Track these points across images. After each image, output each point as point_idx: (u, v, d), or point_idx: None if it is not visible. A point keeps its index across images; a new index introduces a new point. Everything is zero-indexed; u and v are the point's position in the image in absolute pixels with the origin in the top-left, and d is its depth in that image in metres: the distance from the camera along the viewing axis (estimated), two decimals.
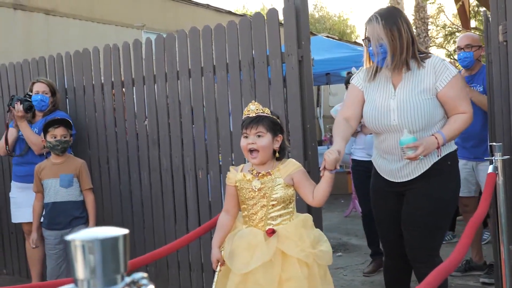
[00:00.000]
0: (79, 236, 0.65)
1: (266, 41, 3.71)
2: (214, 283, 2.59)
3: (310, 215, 2.62)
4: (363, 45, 2.82)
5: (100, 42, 4.70)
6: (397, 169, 2.79)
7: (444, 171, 2.76)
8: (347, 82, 5.03)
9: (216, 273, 2.60)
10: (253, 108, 2.54)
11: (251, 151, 2.51)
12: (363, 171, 4.63)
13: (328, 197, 2.52)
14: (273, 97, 3.69)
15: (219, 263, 2.57)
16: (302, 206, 3.53)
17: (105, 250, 0.66)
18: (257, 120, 2.51)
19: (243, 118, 2.59)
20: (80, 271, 0.65)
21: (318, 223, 3.64)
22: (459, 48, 4.16)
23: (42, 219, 3.99)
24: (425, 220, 2.75)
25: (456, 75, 2.70)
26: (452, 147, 2.82)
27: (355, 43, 15.57)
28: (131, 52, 4.38)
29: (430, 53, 2.85)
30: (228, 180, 2.64)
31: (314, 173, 3.60)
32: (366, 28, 2.76)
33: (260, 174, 2.53)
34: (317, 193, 2.48)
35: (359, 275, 4.74)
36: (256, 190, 2.51)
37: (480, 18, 18.16)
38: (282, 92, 3.65)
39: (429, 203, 2.74)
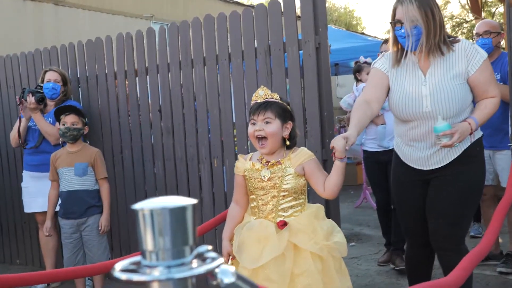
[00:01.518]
0: (147, 205, 0.62)
1: (283, 28, 3.66)
2: None
3: (322, 206, 2.52)
4: (390, 28, 2.75)
5: (109, 33, 4.66)
6: (426, 156, 2.74)
7: (473, 157, 2.72)
8: (355, 72, 4.97)
9: None
10: (261, 94, 2.44)
11: (259, 139, 2.41)
12: (374, 162, 4.59)
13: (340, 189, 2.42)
14: (290, 85, 3.65)
15: (230, 257, 2.48)
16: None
17: (174, 219, 0.63)
18: (265, 105, 2.40)
19: (251, 104, 2.49)
20: (149, 241, 0.62)
21: (335, 214, 3.60)
22: (478, 34, 4.11)
23: (58, 208, 3.97)
24: (453, 208, 2.71)
25: (486, 59, 2.65)
26: (479, 133, 2.78)
27: (363, 34, 15.48)
28: (144, 41, 4.34)
29: (457, 37, 2.80)
30: (236, 169, 2.55)
31: (331, 162, 3.56)
32: (395, 10, 2.69)
33: (269, 164, 2.43)
34: (328, 184, 2.39)
35: (374, 264, 4.71)
36: (266, 180, 2.41)
37: (488, 9, 18.06)
38: (299, 80, 3.60)
39: (458, 190, 2.70)
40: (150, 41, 4.31)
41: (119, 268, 0.63)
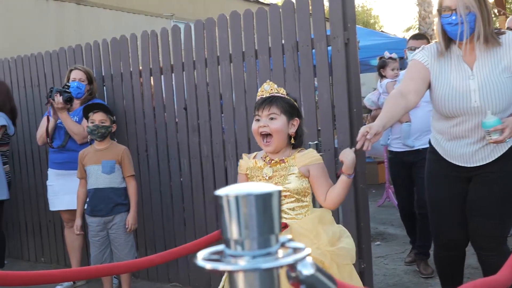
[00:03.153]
0: (232, 191, 0.59)
1: (311, 23, 3.62)
2: (222, 281, 2.36)
3: (328, 210, 2.35)
4: (437, 16, 2.67)
5: (130, 32, 4.64)
6: (471, 152, 2.65)
7: None
8: (380, 67, 4.85)
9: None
10: (267, 88, 2.32)
11: (263, 136, 2.29)
12: (399, 163, 4.43)
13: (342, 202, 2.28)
14: (318, 81, 3.60)
15: None
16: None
17: (260, 206, 0.59)
18: (270, 100, 2.27)
19: (257, 99, 2.37)
20: (234, 229, 0.59)
21: (364, 213, 3.55)
22: (510, 29, 4.04)
23: (85, 206, 3.97)
24: (497, 206, 2.63)
25: None
26: None
27: (382, 32, 15.35)
28: (169, 39, 4.33)
29: (502, 29, 2.73)
30: (239, 168, 2.45)
31: (360, 158, 3.51)
32: None
33: (272, 162, 2.31)
34: (330, 195, 2.25)
35: (401, 263, 4.65)
36: (267, 178, 2.29)
37: (509, 6, 17.83)
38: (327, 76, 3.56)
39: (503, 188, 2.62)
40: (175, 39, 4.29)
41: (201, 257, 0.60)
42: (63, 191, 4.42)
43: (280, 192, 0.62)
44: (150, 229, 4.51)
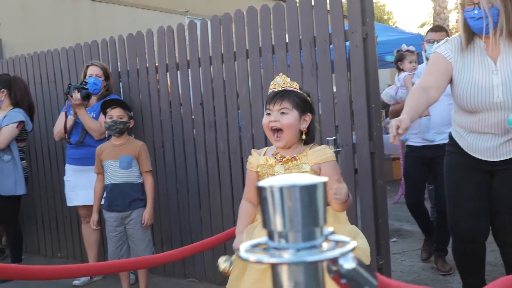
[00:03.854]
0: (276, 182, 0.57)
1: (328, 18, 3.60)
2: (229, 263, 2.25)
3: None
4: (459, 10, 2.65)
5: (145, 28, 4.64)
6: (494, 147, 2.62)
7: None
8: (397, 61, 4.78)
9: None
10: (279, 82, 2.25)
11: (274, 131, 2.22)
12: (417, 158, 4.34)
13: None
14: (336, 76, 3.58)
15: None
16: (367, 184, 3.43)
17: (305, 198, 0.58)
18: (282, 94, 2.20)
19: (268, 92, 2.31)
20: (278, 222, 0.57)
21: (382, 209, 3.52)
22: None
23: (102, 201, 3.98)
24: None
25: None
26: None
27: (396, 28, 15.23)
28: (186, 34, 4.32)
29: None
30: (249, 165, 2.39)
31: (378, 154, 3.49)
32: None
33: (284, 159, 2.24)
34: (332, 204, 2.16)
35: (418, 260, 4.62)
36: None
37: None
38: (345, 71, 3.53)
39: None
40: (192, 35, 4.28)
41: (244, 249, 0.59)
42: (80, 187, 4.44)
43: (325, 183, 0.61)
44: (167, 225, 4.52)
